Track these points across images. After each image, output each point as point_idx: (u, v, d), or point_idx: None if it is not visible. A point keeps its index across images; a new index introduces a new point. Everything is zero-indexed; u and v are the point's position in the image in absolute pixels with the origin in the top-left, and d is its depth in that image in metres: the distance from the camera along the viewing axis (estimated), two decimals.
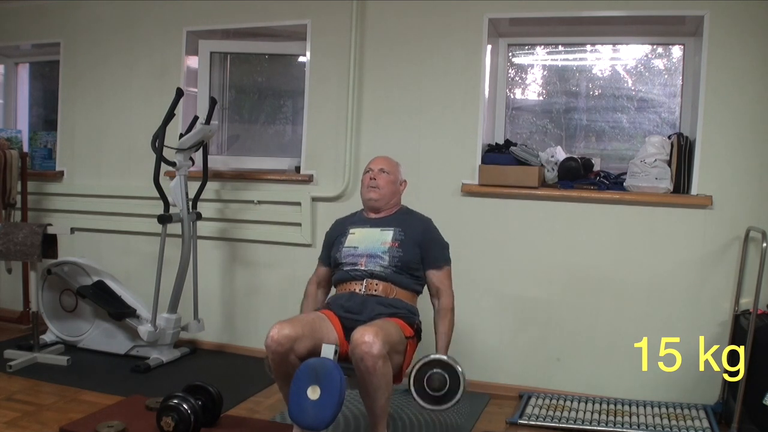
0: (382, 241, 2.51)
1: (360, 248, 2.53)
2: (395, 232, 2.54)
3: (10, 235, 3.31)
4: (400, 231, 2.54)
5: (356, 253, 2.52)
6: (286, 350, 2.15)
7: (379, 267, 2.47)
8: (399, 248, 2.49)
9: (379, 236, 2.54)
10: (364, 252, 2.51)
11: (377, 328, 2.14)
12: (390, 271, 2.46)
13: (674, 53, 3.32)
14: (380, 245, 2.50)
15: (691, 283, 2.97)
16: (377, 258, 2.48)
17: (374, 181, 2.60)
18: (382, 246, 2.50)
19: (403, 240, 2.51)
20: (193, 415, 2.39)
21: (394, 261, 2.47)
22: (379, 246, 2.50)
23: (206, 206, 3.67)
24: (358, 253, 2.52)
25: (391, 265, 2.47)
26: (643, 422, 2.78)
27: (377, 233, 2.55)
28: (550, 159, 3.23)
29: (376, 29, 3.41)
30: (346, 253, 2.54)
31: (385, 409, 2.22)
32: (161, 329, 3.42)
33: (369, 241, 2.53)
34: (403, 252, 2.49)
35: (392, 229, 2.55)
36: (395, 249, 2.49)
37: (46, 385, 3.07)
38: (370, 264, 2.48)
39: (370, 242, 2.53)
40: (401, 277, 2.48)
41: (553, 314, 3.16)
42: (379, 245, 2.50)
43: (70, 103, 4.07)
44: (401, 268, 2.48)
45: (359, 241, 2.55)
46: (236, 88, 4.05)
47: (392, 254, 2.48)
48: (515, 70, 3.59)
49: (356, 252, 2.52)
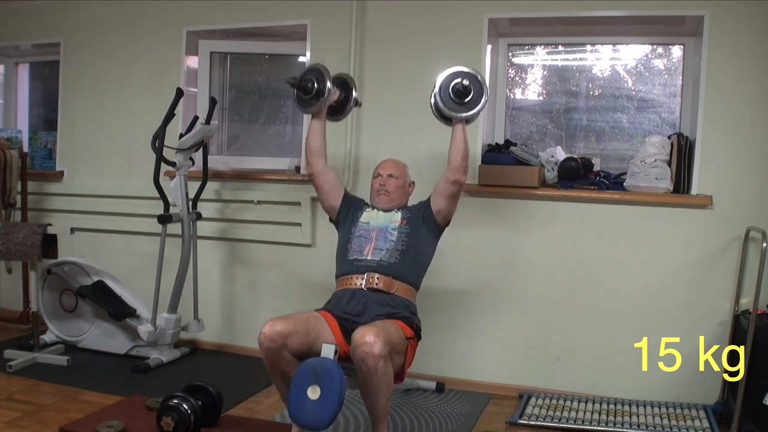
0: (392, 219, 2.62)
1: (372, 224, 2.62)
2: (403, 212, 2.65)
3: (10, 235, 3.31)
4: (407, 211, 2.66)
5: (369, 227, 2.60)
6: (279, 346, 2.17)
7: (386, 249, 2.52)
8: (407, 225, 2.59)
9: (389, 216, 2.65)
10: (375, 227, 2.60)
11: (378, 329, 2.14)
12: (395, 255, 2.50)
13: (674, 53, 3.32)
14: (390, 222, 2.61)
15: (691, 283, 2.97)
16: (387, 234, 2.56)
17: (384, 187, 2.68)
18: (393, 224, 2.60)
19: (410, 218, 2.62)
20: (193, 415, 2.39)
21: (402, 238, 2.55)
22: (389, 223, 2.61)
23: (206, 206, 3.67)
24: (371, 227, 2.60)
25: (398, 243, 2.53)
26: (643, 422, 2.78)
27: (387, 214, 2.66)
28: (550, 159, 3.23)
29: (376, 29, 3.41)
30: (361, 227, 2.62)
31: (385, 409, 2.22)
32: (161, 329, 3.42)
33: (380, 219, 2.64)
34: (410, 229, 2.58)
35: (400, 211, 2.66)
36: (404, 226, 2.58)
37: (46, 385, 3.06)
38: (380, 242, 2.54)
39: (381, 220, 2.63)
40: (404, 264, 2.51)
41: (553, 314, 3.16)
42: (389, 222, 2.61)
43: (70, 103, 4.07)
44: (408, 248, 2.53)
45: (371, 218, 2.65)
46: (236, 88, 4.05)
47: (401, 231, 2.57)
48: (515, 70, 3.59)
49: (368, 227, 2.61)
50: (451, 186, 2.55)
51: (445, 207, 2.60)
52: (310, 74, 2.66)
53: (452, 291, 3.27)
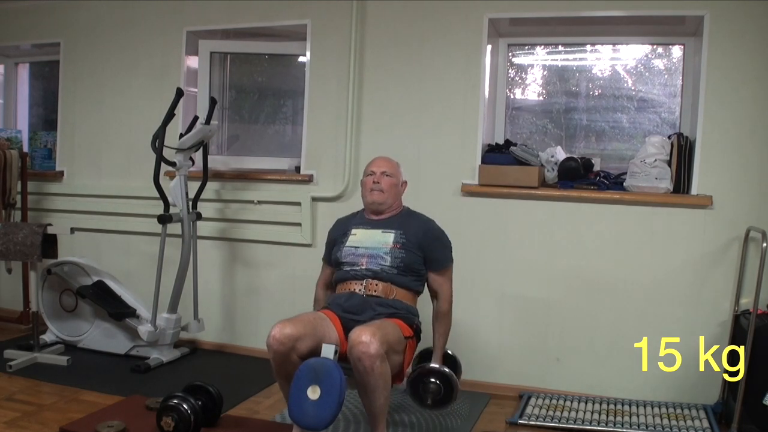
0: (384, 242, 2.52)
1: (361, 249, 2.53)
2: (396, 235, 2.53)
3: (10, 235, 3.31)
4: (401, 233, 2.54)
5: (357, 253, 2.53)
6: (288, 349, 2.16)
7: (380, 267, 2.47)
8: (401, 250, 2.50)
9: (380, 238, 2.54)
10: (365, 252, 2.51)
11: (375, 328, 2.14)
12: (393, 272, 2.46)
13: (674, 53, 3.31)
14: (382, 246, 2.51)
15: (691, 283, 2.97)
16: (379, 258, 2.49)
17: (377, 185, 2.60)
18: (384, 247, 2.50)
19: (405, 243, 2.51)
20: (193, 415, 2.39)
21: (396, 262, 2.48)
22: (380, 247, 2.51)
23: (206, 206, 3.67)
24: (359, 253, 2.52)
25: (393, 266, 2.47)
26: (643, 422, 2.78)
27: (378, 235, 2.55)
28: (550, 159, 3.23)
29: (376, 29, 3.41)
30: (347, 252, 2.54)
31: (383, 408, 2.22)
32: (161, 329, 3.42)
33: (370, 242, 2.54)
34: (405, 254, 2.49)
35: (393, 231, 2.55)
36: (397, 251, 2.49)
37: (46, 385, 3.06)
38: (371, 264, 2.48)
39: (371, 243, 2.53)
40: (403, 278, 2.48)
41: (553, 314, 3.16)
42: (380, 246, 2.51)
43: (70, 103, 4.08)
44: (404, 269, 2.48)
45: (360, 242, 2.55)
46: (236, 88, 4.05)
47: (394, 255, 2.48)
48: (515, 70, 3.59)
49: (357, 252, 2.53)
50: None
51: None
52: None
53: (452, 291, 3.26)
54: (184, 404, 2.40)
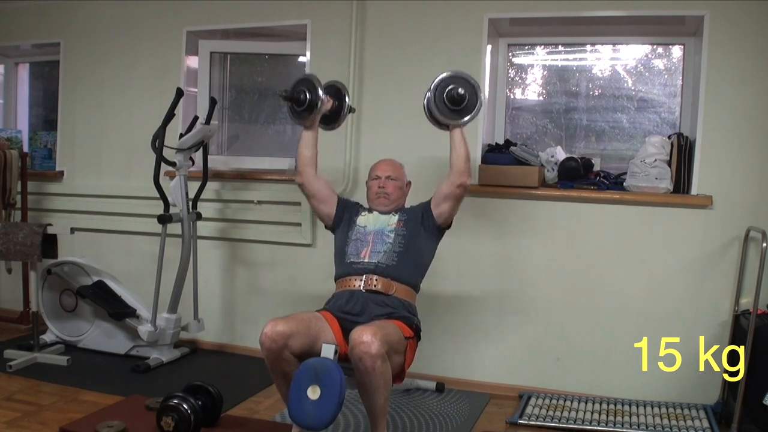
0: (389, 222, 2.62)
1: (369, 227, 2.61)
2: (400, 214, 2.65)
3: (10, 235, 3.31)
4: (403, 213, 2.66)
5: (366, 231, 2.60)
6: (280, 347, 2.17)
7: (383, 252, 2.52)
8: (404, 227, 2.58)
9: (385, 219, 2.64)
10: (372, 230, 2.59)
11: (376, 328, 2.15)
12: (393, 257, 2.50)
13: (674, 53, 3.31)
14: (387, 225, 2.60)
15: (691, 283, 2.97)
16: (384, 236, 2.56)
17: (383, 190, 2.67)
18: (389, 226, 2.60)
19: (407, 220, 2.61)
20: (193, 415, 2.40)
21: (399, 240, 2.54)
22: (386, 226, 2.60)
23: (206, 206, 3.67)
24: (368, 231, 2.60)
25: (396, 245, 2.53)
26: (643, 422, 2.78)
27: (383, 217, 2.66)
28: (550, 159, 3.23)
29: (376, 29, 3.41)
30: (357, 230, 2.61)
31: (384, 408, 2.22)
32: (161, 329, 3.42)
33: (377, 222, 2.63)
34: (407, 231, 2.57)
35: (397, 213, 2.66)
36: (401, 229, 2.58)
37: (46, 385, 3.06)
38: (377, 244, 2.54)
39: (378, 223, 2.63)
40: (403, 266, 2.51)
41: (553, 314, 3.16)
42: (386, 225, 2.60)
43: (70, 103, 4.07)
44: (405, 250, 2.53)
45: (368, 221, 2.64)
46: (236, 88, 4.05)
47: (398, 233, 2.57)
48: (515, 70, 3.59)
49: (366, 230, 2.60)
50: (456, 189, 2.54)
51: (447, 210, 2.59)
52: (302, 85, 2.63)
53: (452, 291, 3.27)
54: (184, 404, 2.40)
